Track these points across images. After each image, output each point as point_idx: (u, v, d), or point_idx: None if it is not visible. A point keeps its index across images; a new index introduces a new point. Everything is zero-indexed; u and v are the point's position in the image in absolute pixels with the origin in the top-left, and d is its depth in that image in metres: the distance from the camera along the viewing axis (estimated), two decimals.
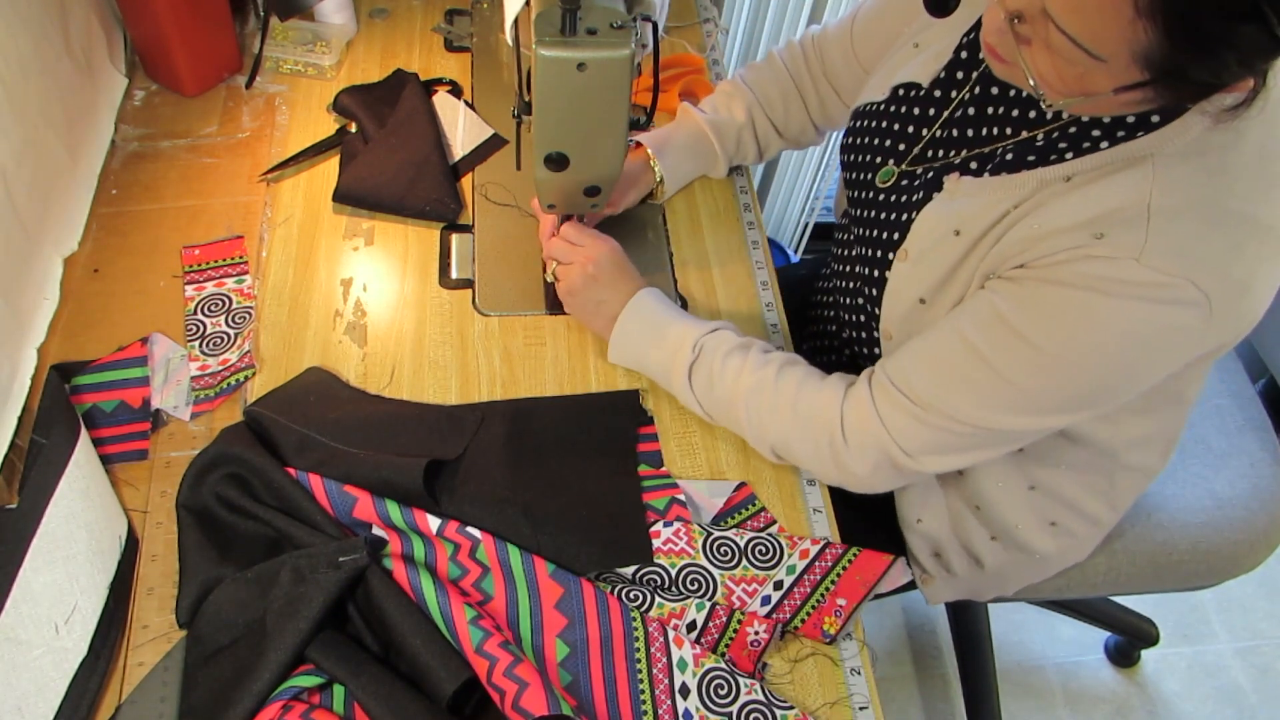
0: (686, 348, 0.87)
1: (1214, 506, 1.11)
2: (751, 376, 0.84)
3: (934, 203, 0.81)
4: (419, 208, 1.04)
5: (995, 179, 0.77)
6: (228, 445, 0.81)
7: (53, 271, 0.96)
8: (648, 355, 0.91)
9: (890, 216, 0.85)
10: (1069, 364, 0.71)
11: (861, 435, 0.80)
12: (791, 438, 0.83)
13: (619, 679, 0.74)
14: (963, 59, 0.83)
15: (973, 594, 1.06)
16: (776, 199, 1.92)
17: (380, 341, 0.96)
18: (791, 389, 0.83)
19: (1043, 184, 0.73)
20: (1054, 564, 1.03)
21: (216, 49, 1.16)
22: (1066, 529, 0.98)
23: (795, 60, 1.07)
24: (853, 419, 0.81)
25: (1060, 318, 0.69)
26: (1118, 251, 0.66)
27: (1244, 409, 1.21)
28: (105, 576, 0.76)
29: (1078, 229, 0.69)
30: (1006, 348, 0.72)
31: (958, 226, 0.77)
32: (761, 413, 0.84)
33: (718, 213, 1.10)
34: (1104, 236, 0.67)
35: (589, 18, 0.76)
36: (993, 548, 0.99)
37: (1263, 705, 1.60)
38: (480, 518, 0.80)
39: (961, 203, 0.78)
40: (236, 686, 0.69)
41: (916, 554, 1.03)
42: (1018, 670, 1.61)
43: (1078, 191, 0.70)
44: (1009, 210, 0.74)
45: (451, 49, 1.25)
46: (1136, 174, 0.68)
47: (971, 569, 1.01)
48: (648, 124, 0.87)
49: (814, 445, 0.82)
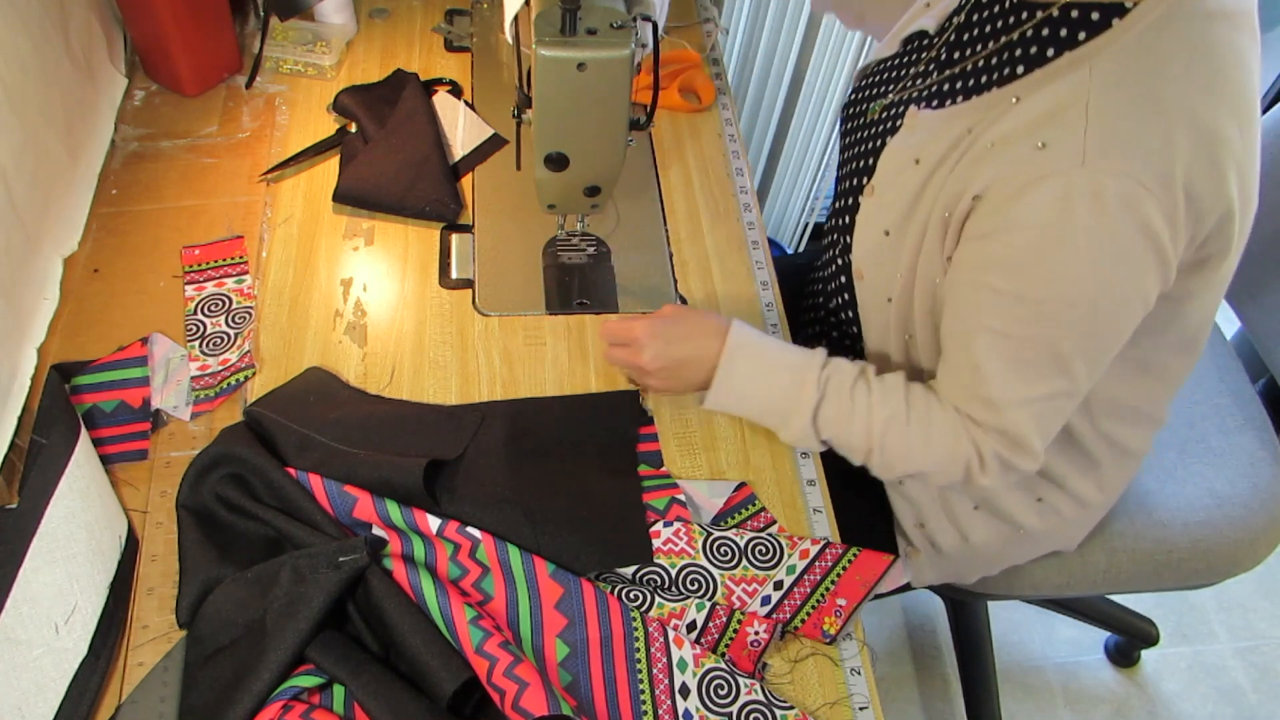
0: (810, 388, 0.83)
1: (1214, 505, 1.11)
2: (882, 413, 0.82)
3: (897, 136, 0.84)
4: (419, 208, 1.04)
5: (952, 108, 0.79)
6: (228, 445, 0.81)
7: (53, 271, 0.96)
8: (756, 403, 0.86)
9: (863, 148, 0.88)
10: (1066, 299, 0.72)
11: (984, 453, 0.80)
12: (928, 471, 0.83)
13: (619, 679, 0.74)
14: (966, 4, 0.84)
15: (959, 575, 1.06)
16: (776, 199, 1.92)
17: (380, 341, 0.96)
18: (922, 423, 0.82)
19: (993, 105, 0.75)
20: (1040, 543, 1.03)
21: (216, 49, 1.16)
22: (1053, 506, 0.98)
23: None
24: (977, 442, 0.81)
25: (1035, 264, 0.71)
26: (1059, 162, 0.68)
27: (1244, 408, 1.21)
28: (105, 576, 0.76)
29: (1020, 138, 0.71)
30: (1012, 312, 0.74)
31: (918, 156, 0.80)
32: (895, 449, 0.82)
33: (718, 213, 1.10)
34: (1045, 145, 0.69)
35: (589, 18, 0.76)
36: (976, 519, 0.99)
37: (1263, 705, 1.60)
38: (480, 518, 0.80)
39: (921, 134, 0.81)
40: (236, 686, 0.69)
41: (901, 522, 1.03)
42: (1018, 670, 1.60)
43: (1024, 102, 0.73)
44: (963, 134, 0.76)
45: (451, 49, 1.25)
46: (1075, 76, 0.70)
47: (957, 543, 1.01)
48: (648, 124, 0.87)
49: (949, 475, 0.83)
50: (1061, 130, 0.69)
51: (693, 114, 1.21)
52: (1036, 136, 0.70)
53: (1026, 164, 0.70)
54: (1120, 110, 0.68)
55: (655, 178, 1.14)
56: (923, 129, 0.81)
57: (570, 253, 1.05)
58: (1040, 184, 0.69)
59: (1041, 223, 0.69)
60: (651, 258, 1.05)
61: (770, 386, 0.85)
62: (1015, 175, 0.70)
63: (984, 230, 0.73)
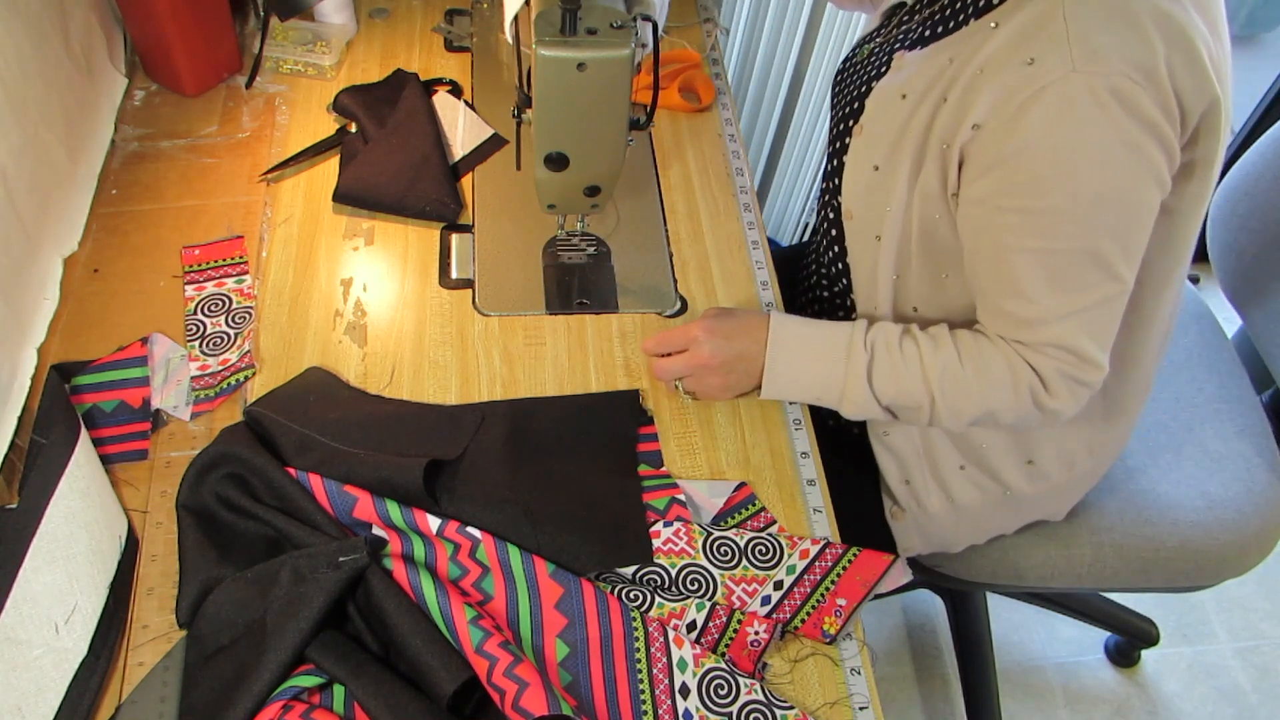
0: (858, 351, 0.85)
1: (1205, 507, 1.11)
2: (936, 362, 0.84)
3: (885, 78, 0.87)
4: (419, 208, 1.04)
5: (934, 45, 0.83)
6: (228, 445, 0.81)
7: (53, 271, 0.96)
8: (809, 379, 0.88)
9: (852, 93, 0.92)
10: (1087, 199, 0.74)
11: (1048, 374, 0.82)
12: (994, 408, 0.84)
13: (619, 679, 0.74)
14: None
15: (945, 543, 1.06)
16: (776, 199, 1.92)
17: (380, 341, 0.96)
18: (975, 363, 0.83)
19: (972, 34, 0.79)
20: (1027, 509, 1.04)
21: (216, 49, 1.16)
22: (1042, 471, 0.98)
23: None
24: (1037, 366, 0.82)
25: (1049, 175, 0.74)
26: (1052, 72, 0.71)
27: (1244, 414, 1.21)
28: (105, 576, 0.76)
29: (1006, 58, 0.74)
30: (1037, 227, 0.76)
31: (904, 91, 0.83)
32: (956, 394, 0.84)
33: (718, 213, 1.10)
34: (1034, 61, 0.72)
35: (589, 17, 0.76)
36: (963, 479, 0.99)
37: (1263, 705, 1.60)
38: (480, 518, 0.80)
39: (906, 72, 0.84)
40: (236, 686, 0.69)
41: (887, 479, 1.03)
42: (1018, 670, 1.61)
43: (1002, 27, 0.76)
44: (945, 65, 0.79)
45: (451, 49, 1.25)
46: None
47: (942, 504, 1.01)
48: (647, 124, 0.87)
49: (1017, 408, 0.84)
50: (1045, 42, 0.72)
51: (693, 114, 1.21)
52: (1023, 53, 0.73)
53: (1019, 82, 0.72)
54: (1095, 16, 0.71)
55: (655, 178, 1.14)
56: (909, 67, 0.84)
57: (570, 253, 1.05)
58: (1038, 98, 0.72)
59: (1049, 133, 0.72)
60: (651, 258, 1.05)
61: (820, 362, 0.87)
62: (1011, 96, 0.73)
63: (992, 159, 0.76)
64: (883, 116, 0.85)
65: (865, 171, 0.87)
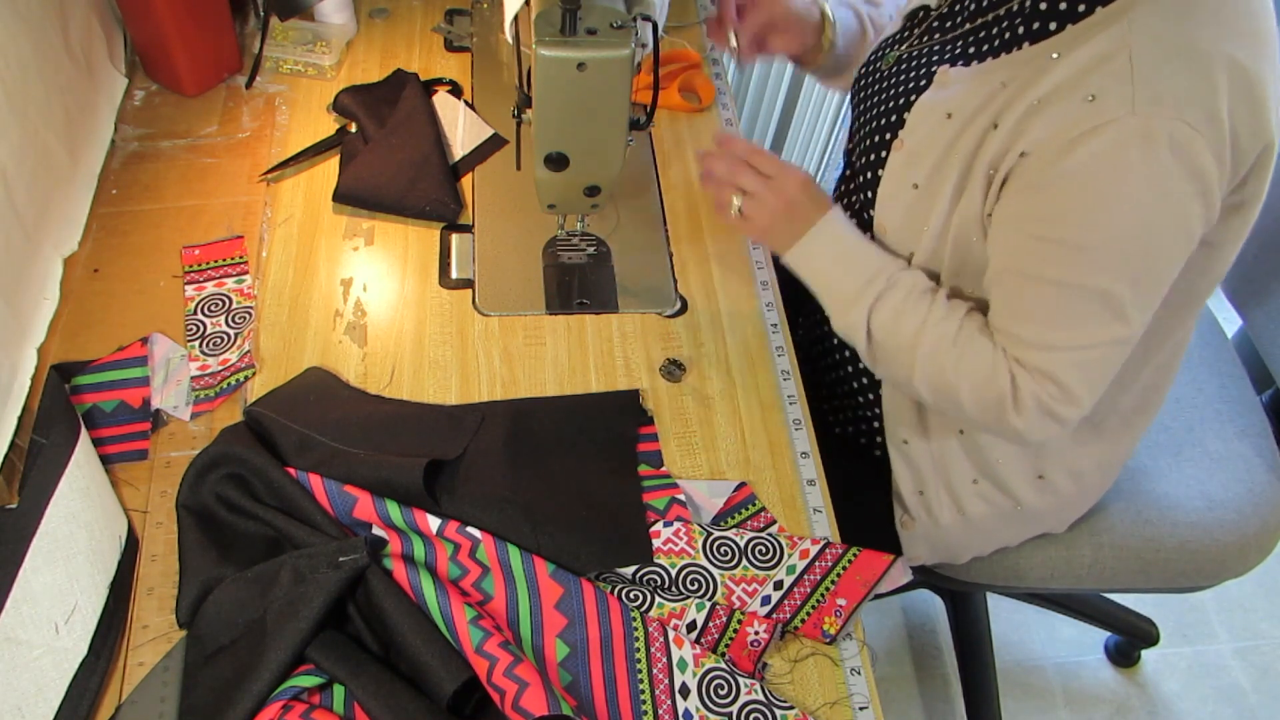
0: (881, 277, 0.86)
1: (1205, 508, 1.11)
2: (935, 328, 0.84)
3: (928, 92, 0.85)
4: (419, 208, 1.04)
5: (984, 64, 0.81)
6: (228, 445, 0.81)
7: (53, 271, 0.96)
8: (831, 274, 0.88)
9: (888, 104, 0.89)
10: (1119, 243, 0.74)
11: (1023, 395, 0.81)
12: (961, 399, 0.84)
13: (619, 679, 0.74)
14: None
15: (952, 554, 1.06)
16: None
17: (380, 341, 0.96)
18: (964, 351, 0.83)
19: (1029, 61, 0.77)
20: (1033, 523, 1.04)
21: (216, 49, 1.16)
22: (1052, 485, 0.98)
23: None
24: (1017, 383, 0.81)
25: (1087, 210, 0.73)
26: (1110, 113, 0.70)
27: (1244, 415, 1.20)
28: (105, 576, 0.76)
29: (1067, 94, 0.73)
30: (1064, 259, 0.75)
31: (950, 110, 0.81)
32: (933, 366, 0.84)
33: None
34: (1094, 98, 0.71)
35: (589, 17, 0.76)
36: (975, 493, 0.99)
37: (1263, 705, 1.60)
38: (480, 518, 0.80)
39: (954, 89, 0.82)
40: (236, 686, 0.69)
41: (901, 487, 1.03)
42: (1018, 670, 1.60)
43: (1065, 59, 0.74)
44: (998, 89, 0.78)
45: (451, 49, 1.25)
46: (1114, 29, 0.72)
47: (954, 517, 1.01)
48: (647, 124, 0.87)
49: (980, 402, 0.83)
50: (1109, 81, 0.71)
51: (693, 114, 1.21)
52: (1084, 89, 0.72)
53: (1077, 117, 0.71)
54: (1163, 57, 0.70)
55: (655, 178, 1.14)
56: (955, 84, 0.82)
57: (570, 253, 1.05)
58: (1093, 134, 0.71)
59: (1094, 170, 0.71)
60: (651, 258, 1.05)
61: (847, 266, 0.87)
62: (1066, 129, 0.72)
63: (1033, 182, 0.75)
64: (926, 134, 0.83)
65: (904, 189, 0.85)
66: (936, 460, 0.99)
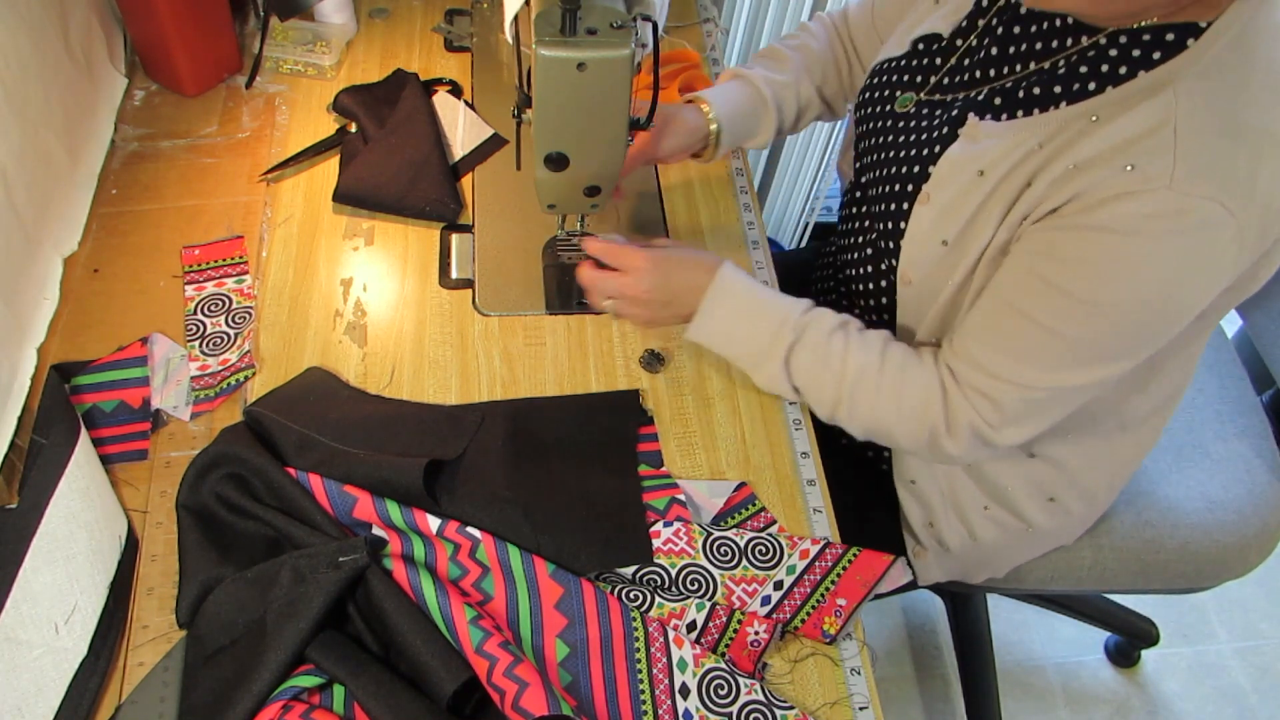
0: (787, 329, 0.85)
1: (1205, 509, 1.11)
2: (855, 362, 0.83)
3: (956, 145, 0.81)
4: (419, 208, 1.04)
5: (1018, 120, 0.78)
6: (228, 445, 0.81)
7: (53, 271, 0.96)
8: (736, 337, 0.88)
9: (910, 153, 0.85)
10: (1121, 309, 0.72)
11: (956, 419, 0.81)
12: (893, 428, 0.84)
13: (619, 679, 0.74)
14: (983, 6, 0.84)
15: (965, 574, 1.06)
16: (776, 199, 1.92)
17: (380, 341, 0.96)
18: (894, 378, 0.83)
19: (1067, 123, 0.74)
20: (1046, 541, 1.04)
21: (216, 49, 1.16)
22: (1064, 505, 0.98)
23: (828, 30, 1.07)
24: (950, 407, 0.82)
25: (1101, 267, 0.71)
26: (1149, 182, 0.68)
27: (1244, 415, 1.20)
28: (105, 576, 0.76)
29: (1106, 161, 0.70)
30: (1057, 308, 0.74)
31: (982, 167, 0.78)
32: (864, 401, 0.84)
33: (718, 213, 1.10)
34: (1134, 168, 0.68)
35: (589, 17, 0.76)
36: (986, 518, 0.99)
37: (1263, 705, 1.60)
38: (480, 518, 0.80)
39: (985, 144, 0.79)
40: (236, 686, 0.69)
41: (910, 520, 1.03)
42: (1018, 670, 1.60)
43: (1105, 125, 0.72)
44: (1034, 149, 0.75)
45: (451, 49, 1.25)
46: (1160, 100, 0.69)
47: (964, 542, 1.01)
48: (647, 124, 0.87)
49: (914, 436, 0.84)
50: (1150, 154, 0.68)
51: None
52: (1124, 160, 0.69)
53: (1112, 183, 0.69)
54: (1207, 133, 0.67)
55: (655, 178, 1.14)
56: (985, 139, 0.79)
57: (570, 253, 1.05)
58: (1127, 198, 0.69)
59: (1117, 231, 0.69)
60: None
61: (751, 324, 0.86)
62: (1100, 189, 0.70)
63: (1057, 224, 0.73)
64: (958, 192, 0.80)
65: (933, 245, 0.83)
66: (945, 493, 0.98)
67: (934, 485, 0.98)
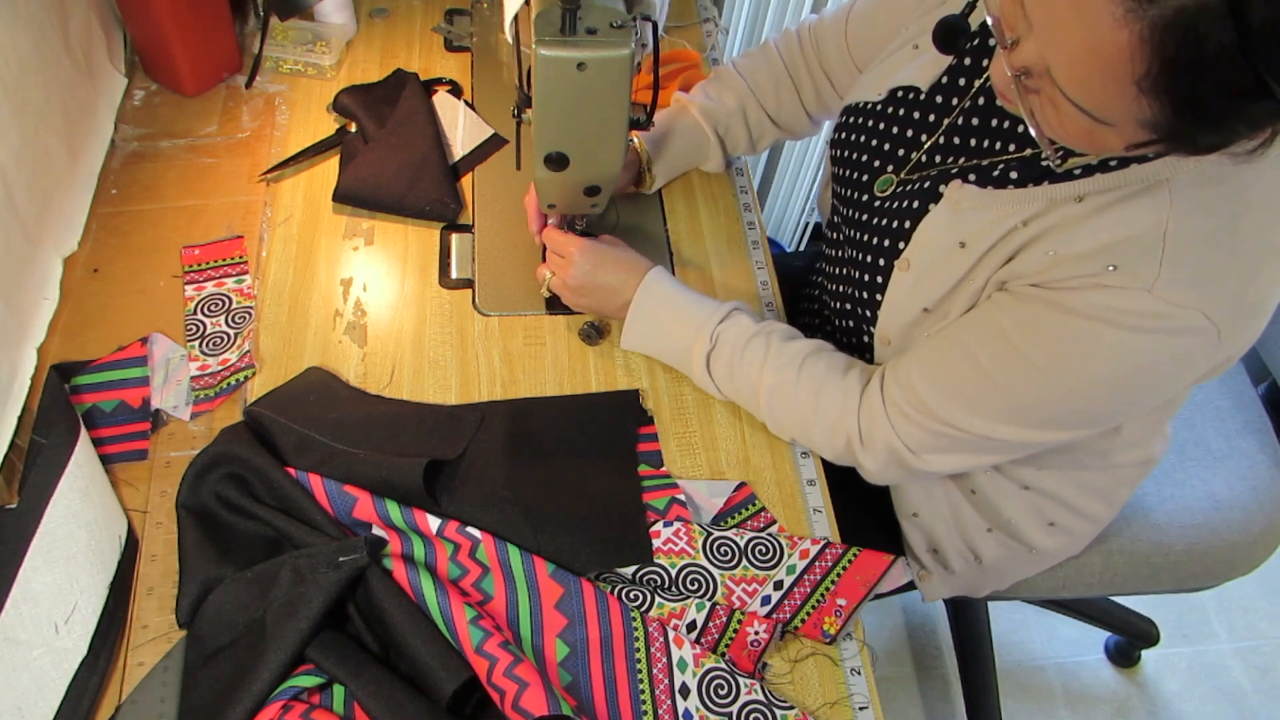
0: (704, 336, 0.88)
1: (1211, 508, 1.11)
2: (772, 373, 0.85)
3: (935, 213, 0.80)
4: (419, 208, 1.04)
5: (1001, 192, 0.75)
6: (228, 445, 0.81)
7: (53, 271, 0.96)
8: (661, 343, 0.92)
9: (890, 224, 0.84)
10: (1071, 388, 0.71)
11: (873, 435, 0.82)
12: (811, 435, 0.86)
13: (619, 679, 0.74)
14: (965, 65, 0.81)
15: (970, 590, 1.06)
16: (776, 199, 1.92)
17: (380, 341, 0.96)
18: (811, 389, 0.84)
19: (1053, 202, 0.72)
20: (1051, 559, 1.04)
21: (216, 49, 1.16)
22: (1065, 528, 0.98)
23: (790, 48, 1.06)
24: (866, 421, 0.83)
25: (1064, 343, 0.70)
26: (1130, 282, 0.66)
27: (1244, 410, 1.20)
28: (105, 576, 0.76)
29: (1092, 257, 0.68)
30: (1008, 364, 0.73)
31: (963, 239, 0.77)
32: (782, 409, 0.86)
33: (718, 213, 1.10)
34: (1118, 268, 0.67)
35: (589, 17, 0.76)
36: (990, 540, 0.99)
37: (1263, 705, 1.60)
38: (480, 518, 0.80)
39: (967, 215, 0.77)
40: (236, 686, 0.69)
41: (914, 548, 1.03)
42: (1018, 670, 1.60)
43: (1094, 218, 0.69)
44: (1017, 226, 0.73)
45: (451, 49, 1.25)
46: (1152, 200, 0.67)
47: (969, 564, 1.01)
48: (647, 123, 0.87)
49: (831, 444, 0.86)
50: (1136, 256, 0.66)
51: None
52: (1108, 259, 0.67)
53: (1093, 276, 0.68)
54: (1199, 242, 0.65)
55: None
56: (967, 206, 0.77)
57: None
58: (1103, 290, 0.67)
59: (1090, 315, 0.68)
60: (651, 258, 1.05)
61: (673, 331, 0.90)
62: (1078, 279, 0.69)
63: (1030, 292, 0.71)
64: (937, 260, 0.78)
65: (913, 311, 0.81)
66: (948, 522, 0.98)
67: (936, 516, 0.98)
